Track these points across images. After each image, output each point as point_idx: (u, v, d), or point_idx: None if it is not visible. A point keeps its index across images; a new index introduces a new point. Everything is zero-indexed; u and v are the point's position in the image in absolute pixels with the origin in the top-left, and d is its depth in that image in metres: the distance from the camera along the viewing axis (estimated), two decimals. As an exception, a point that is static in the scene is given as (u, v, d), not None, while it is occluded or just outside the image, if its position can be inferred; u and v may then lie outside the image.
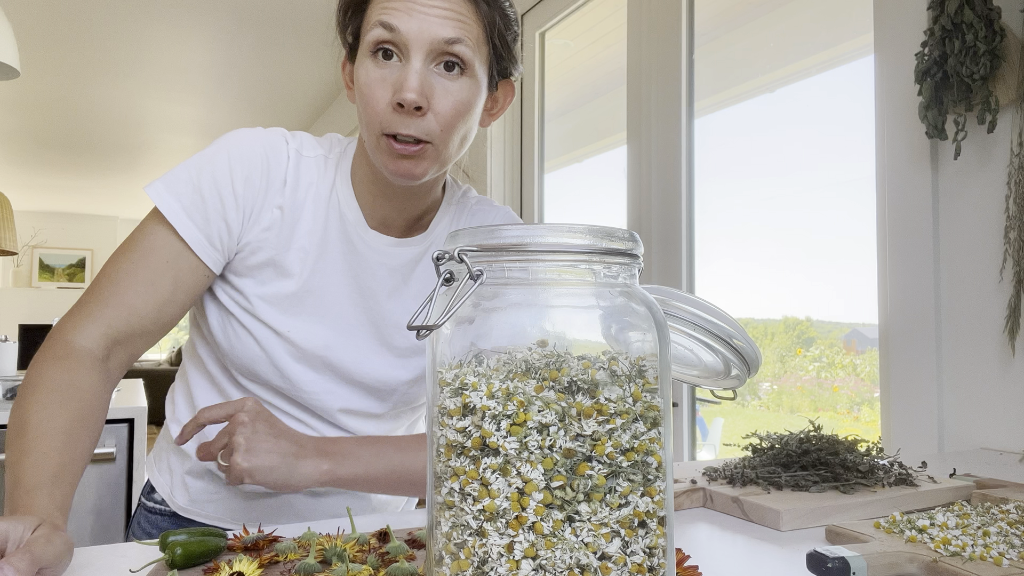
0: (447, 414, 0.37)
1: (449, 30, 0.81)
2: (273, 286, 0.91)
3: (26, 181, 7.97)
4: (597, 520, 0.34)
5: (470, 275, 0.36)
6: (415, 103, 0.79)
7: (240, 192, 0.87)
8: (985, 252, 1.25)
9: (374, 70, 0.83)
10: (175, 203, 0.85)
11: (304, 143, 0.94)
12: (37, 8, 3.57)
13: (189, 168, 0.87)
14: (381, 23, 0.81)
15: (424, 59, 0.81)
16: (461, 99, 0.84)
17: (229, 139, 0.89)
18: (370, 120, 0.84)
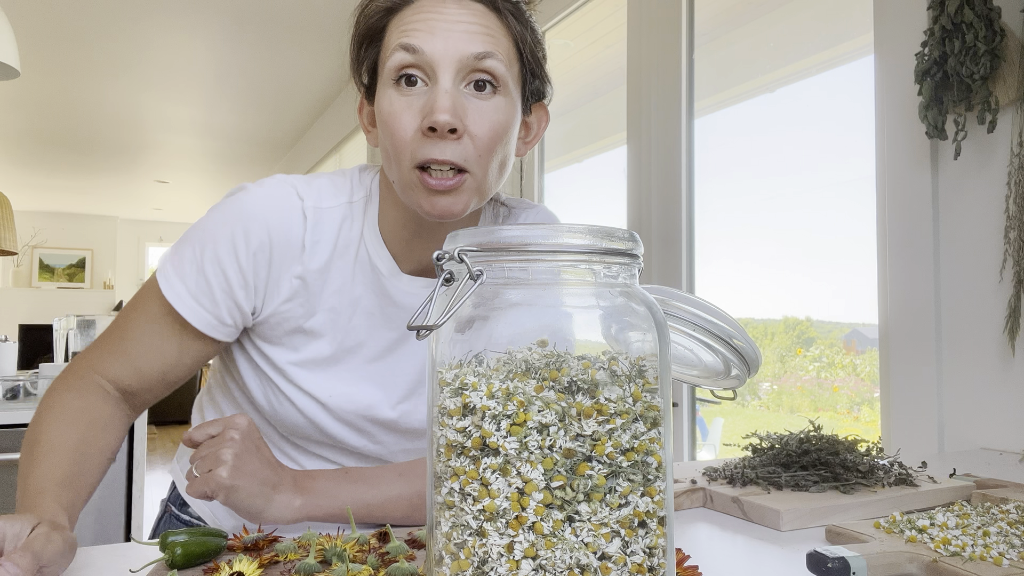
0: (447, 414, 0.37)
1: (478, 44, 0.74)
2: (307, 351, 0.86)
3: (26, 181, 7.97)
4: (597, 520, 0.34)
5: (470, 275, 0.36)
6: (449, 125, 0.72)
7: (248, 271, 0.81)
8: (985, 252, 1.25)
9: (398, 99, 0.76)
10: (180, 286, 0.80)
11: (323, 193, 0.85)
12: (37, 8, 3.57)
13: (194, 245, 0.82)
14: (402, 46, 0.75)
15: (454, 78, 0.74)
16: (498, 119, 0.76)
17: (234, 209, 0.82)
18: (399, 152, 0.76)
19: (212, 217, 0.82)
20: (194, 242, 0.82)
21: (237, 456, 0.70)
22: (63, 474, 0.71)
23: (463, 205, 0.77)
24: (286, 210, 0.81)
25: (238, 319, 0.84)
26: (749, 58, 2.04)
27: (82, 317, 2.24)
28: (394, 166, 0.78)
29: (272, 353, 0.86)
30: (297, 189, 0.83)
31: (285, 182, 0.84)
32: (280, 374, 0.87)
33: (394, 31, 0.77)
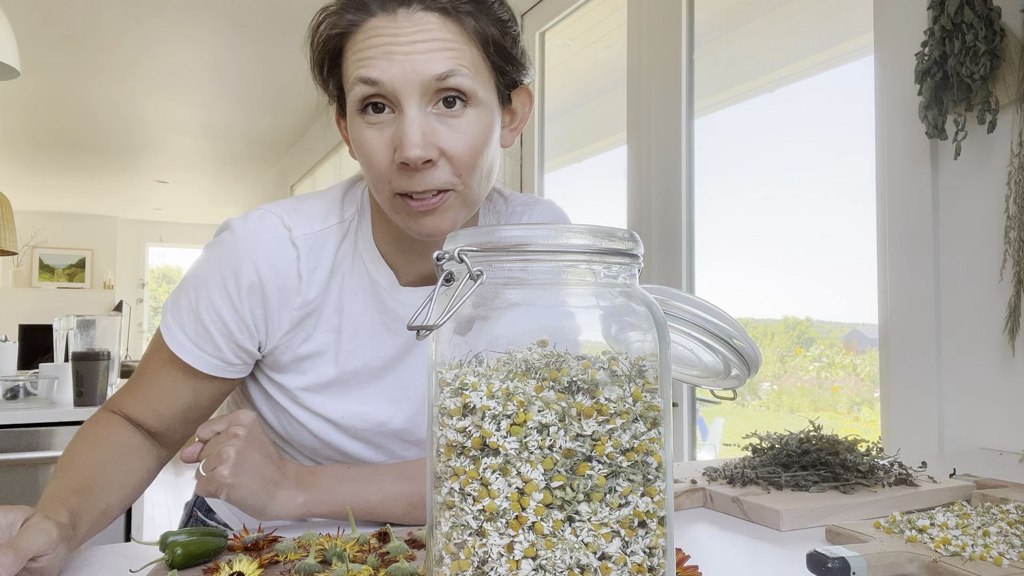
0: (447, 414, 0.37)
1: (438, 63, 0.71)
2: (314, 374, 0.85)
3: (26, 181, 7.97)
4: (597, 520, 0.34)
5: (470, 275, 0.36)
6: (421, 159, 0.70)
7: (245, 312, 0.81)
8: (985, 252, 1.25)
9: (367, 129, 0.74)
10: (181, 335, 0.81)
11: (312, 216, 0.83)
12: (37, 8, 3.57)
13: (188, 292, 0.82)
14: (361, 79, 0.72)
15: (419, 104, 0.72)
16: (473, 133, 0.74)
17: (221, 252, 0.81)
18: (377, 182, 0.75)
19: (202, 262, 0.82)
20: (189, 289, 0.82)
21: (239, 453, 0.70)
22: (75, 484, 0.72)
23: (450, 222, 0.76)
24: (273, 246, 0.80)
25: (245, 357, 0.84)
26: (749, 58, 2.04)
27: (82, 317, 2.24)
28: (373, 189, 0.77)
29: (281, 380, 0.86)
30: (283, 220, 0.81)
31: (269, 214, 0.82)
32: (291, 399, 0.87)
33: (351, 57, 0.75)
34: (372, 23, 0.74)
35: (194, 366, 0.81)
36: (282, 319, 0.82)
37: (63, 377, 2.25)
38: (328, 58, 0.78)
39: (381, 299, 0.84)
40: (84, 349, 2.18)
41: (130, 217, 10.39)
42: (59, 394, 2.26)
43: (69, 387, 2.23)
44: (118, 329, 2.33)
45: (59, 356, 2.38)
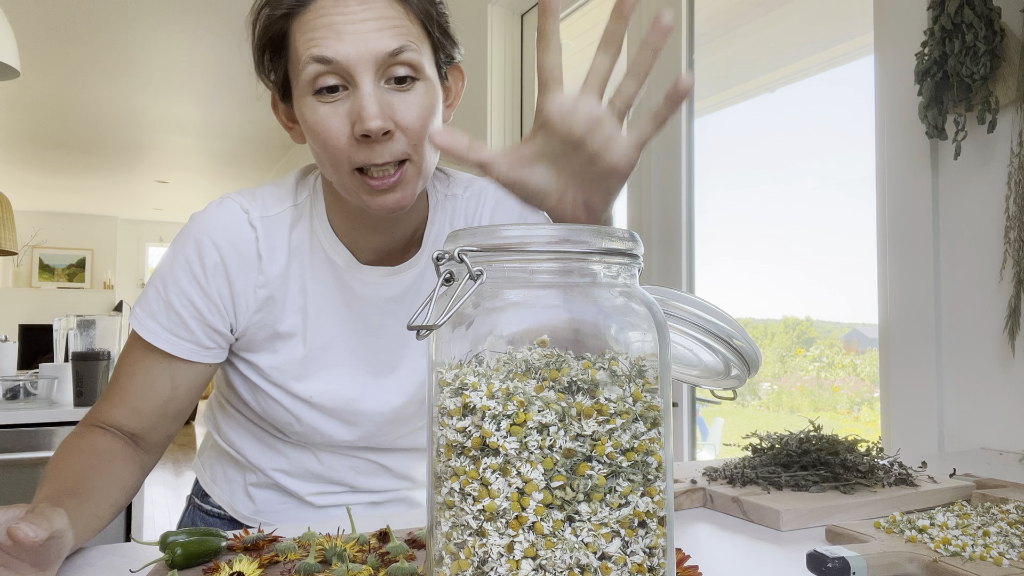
0: (447, 414, 0.37)
1: (390, 40, 0.73)
2: (284, 354, 0.88)
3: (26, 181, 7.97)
4: (597, 520, 0.34)
5: (470, 275, 0.36)
6: (382, 129, 0.72)
7: (212, 292, 0.83)
8: (985, 252, 1.25)
9: (321, 108, 0.75)
10: (153, 324, 0.83)
11: (267, 201, 0.86)
12: (37, 8, 3.57)
13: (156, 283, 0.84)
14: (314, 58, 0.73)
15: (373, 79, 0.73)
16: (424, 106, 0.76)
17: (184, 238, 0.84)
18: (335, 159, 0.76)
19: (167, 254, 0.85)
20: (156, 281, 0.84)
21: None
22: (65, 489, 0.72)
23: (409, 196, 0.78)
24: (233, 226, 0.83)
25: (219, 340, 0.85)
26: (749, 58, 2.04)
27: (82, 317, 2.24)
28: (331, 171, 0.78)
29: (254, 359, 0.88)
30: (240, 204, 0.85)
31: (227, 199, 0.86)
32: (265, 379, 0.89)
33: (299, 38, 0.76)
34: (319, 3, 0.75)
35: (170, 352, 0.83)
36: (248, 299, 0.85)
37: (63, 377, 2.25)
38: (272, 41, 0.79)
39: (341, 278, 0.87)
40: (84, 349, 2.18)
41: (130, 217, 10.39)
42: (59, 394, 2.26)
43: (69, 387, 2.23)
44: (118, 329, 2.33)
45: (59, 356, 2.38)
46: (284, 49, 0.79)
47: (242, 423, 0.98)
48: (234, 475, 1.00)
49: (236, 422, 0.98)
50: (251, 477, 0.98)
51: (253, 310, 0.85)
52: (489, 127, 2.85)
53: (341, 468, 0.95)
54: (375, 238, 0.86)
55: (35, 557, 0.57)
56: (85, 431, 0.83)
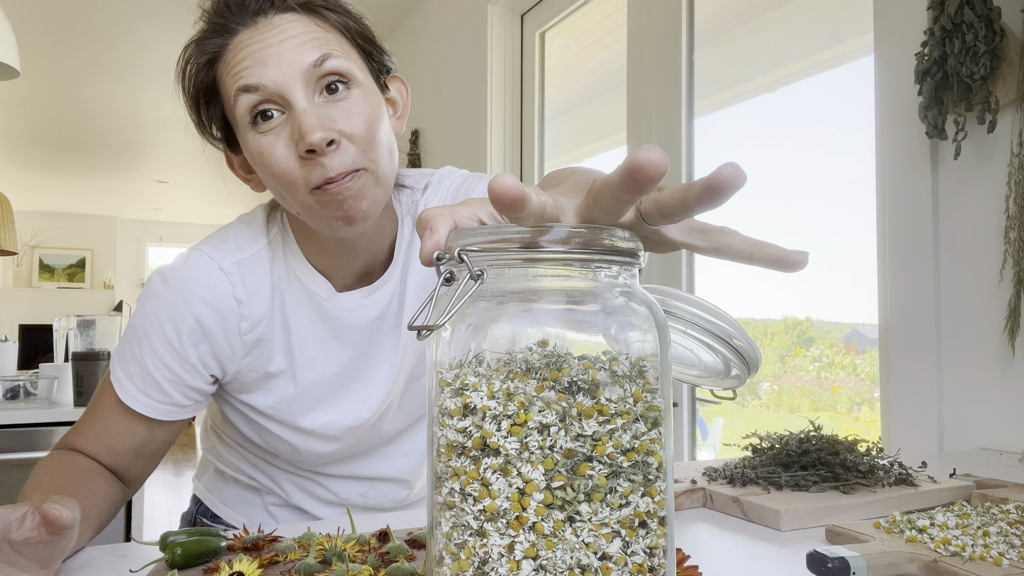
0: (447, 414, 0.37)
1: (310, 52, 0.73)
2: (277, 392, 0.87)
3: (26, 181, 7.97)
4: (598, 520, 0.34)
5: (471, 275, 0.36)
6: (325, 140, 0.70)
7: (191, 356, 0.81)
8: (985, 252, 1.25)
9: (263, 139, 0.73)
10: (130, 386, 0.81)
11: (240, 243, 0.84)
12: (37, 8, 3.57)
13: (131, 344, 0.82)
14: (241, 89, 0.72)
15: (305, 95, 0.72)
16: (364, 110, 0.75)
17: (155, 305, 0.81)
18: (289, 185, 0.74)
19: (140, 313, 0.83)
20: (131, 341, 0.82)
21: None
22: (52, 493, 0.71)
23: (371, 202, 0.76)
24: (205, 283, 0.81)
25: (196, 396, 0.85)
26: (749, 58, 2.04)
27: (82, 317, 2.24)
28: (289, 199, 0.76)
29: (249, 400, 0.88)
30: (208, 255, 0.83)
31: (196, 252, 0.84)
32: (262, 415, 0.88)
33: (226, 79, 0.75)
34: (237, 40, 0.75)
35: (146, 415, 0.82)
36: (234, 347, 0.83)
37: (63, 377, 2.25)
38: (204, 92, 0.79)
39: (322, 308, 0.85)
40: (84, 349, 2.18)
41: (130, 217, 10.39)
42: (59, 394, 2.26)
43: (69, 387, 2.23)
44: (118, 329, 2.33)
45: (59, 356, 2.38)
46: (216, 95, 0.78)
47: (245, 455, 0.97)
48: (250, 497, 1.00)
49: (239, 453, 0.98)
50: (270, 499, 0.98)
51: (242, 355, 0.84)
52: (489, 127, 2.85)
53: (351, 496, 0.97)
54: (353, 262, 0.85)
55: (41, 552, 0.56)
56: (63, 453, 0.82)
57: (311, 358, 0.86)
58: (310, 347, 0.86)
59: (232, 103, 0.75)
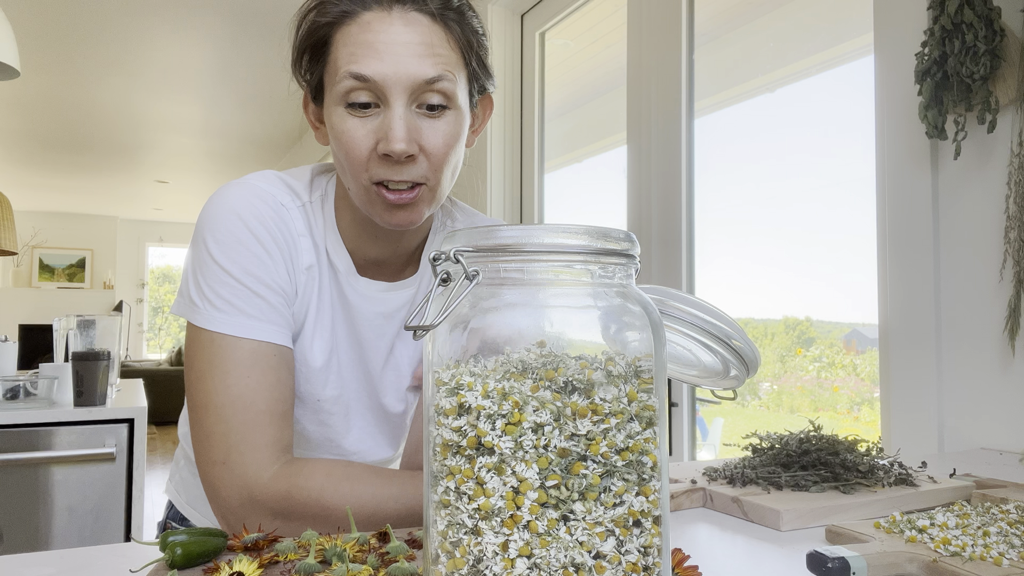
0: (443, 413, 0.37)
1: (428, 68, 0.73)
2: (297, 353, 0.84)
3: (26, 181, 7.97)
4: (592, 519, 0.34)
5: (466, 275, 0.36)
6: (406, 152, 0.72)
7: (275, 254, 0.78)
8: (985, 252, 1.25)
9: (351, 119, 0.75)
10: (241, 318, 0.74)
11: (297, 189, 0.84)
12: (37, 8, 3.57)
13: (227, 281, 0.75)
14: (352, 75, 0.73)
15: (405, 103, 0.74)
16: (450, 134, 0.76)
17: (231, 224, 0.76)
18: (355, 170, 0.76)
19: (212, 242, 0.76)
20: (216, 274, 0.76)
21: None
22: None
23: (419, 215, 0.78)
24: (270, 203, 0.79)
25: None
26: (749, 58, 2.04)
27: (82, 317, 2.24)
28: (350, 178, 0.77)
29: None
30: (264, 187, 0.81)
31: (257, 179, 0.82)
32: None
33: (340, 49, 0.75)
34: (366, 17, 0.74)
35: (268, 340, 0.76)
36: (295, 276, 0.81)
37: (63, 377, 2.25)
38: (313, 45, 0.78)
39: (339, 284, 0.85)
40: (84, 349, 2.18)
41: (130, 217, 10.39)
42: (59, 394, 2.26)
43: (69, 387, 2.23)
44: (118, 329, 2.33)
45: (59, 356, 2.38)
46: (324, 55, 0.78)
47: None
48: None
49: None
50: None
51: (292, 297, 0.81)
52: (489, 127, 2.85)
53: None
54: (378, 248, 0.86)
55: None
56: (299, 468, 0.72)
57: (323, 326, 0.85)
58: (323, 315, 0.85)
59: (336, 76, 0.75)
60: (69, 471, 2.15)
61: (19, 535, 2.09)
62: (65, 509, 2.14)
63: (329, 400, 0.87)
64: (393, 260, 0.88)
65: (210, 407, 0.73)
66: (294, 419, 0.86)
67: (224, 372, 0.73)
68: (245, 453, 0.72)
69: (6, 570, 0.59)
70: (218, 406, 0.73)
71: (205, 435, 0.73)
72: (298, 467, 0.73)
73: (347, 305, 0.86)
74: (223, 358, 0.74)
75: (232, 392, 0.73)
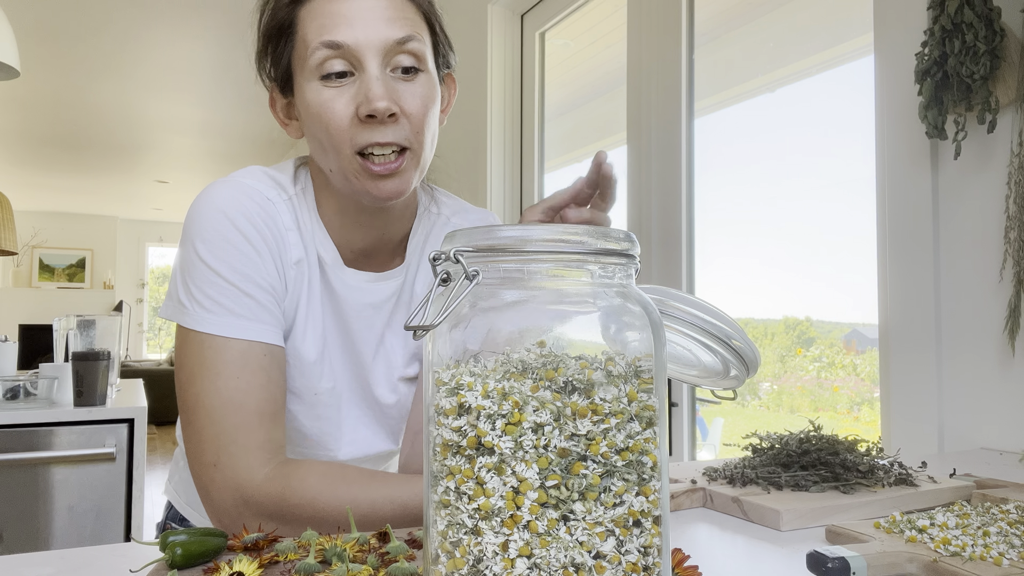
0: (443, 413, 0.37)
1: (397, 29, 0.75)
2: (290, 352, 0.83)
3: (26, 181, 7.97)
4: (592, 519, 0.34)
5: (466, 275, 0.36)
6: (389, 110, 0.73)
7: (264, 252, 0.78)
8: (985, 252, 1.25)
9: (327, 91, 0.75)
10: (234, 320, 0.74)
11: (282, 183, 0.83)
12: (37, 8, 3.57)
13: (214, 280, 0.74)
14: (324, 44, 0.74)
15: (380, 64, 0.75)
16: (426, 96, 0.78)
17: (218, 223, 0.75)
18: (337, 143, 0.75)
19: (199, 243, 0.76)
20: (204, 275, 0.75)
21: None
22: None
23: (407, 183, 0.78)
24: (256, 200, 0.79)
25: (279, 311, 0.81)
26: (749, 58, 2.04)
27: (82, 317, 2.24)
28: (331, 156, 0.77)
29: None
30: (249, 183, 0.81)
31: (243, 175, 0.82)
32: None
33: (308, 25, 0.76)
34: None
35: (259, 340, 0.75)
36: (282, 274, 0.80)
37: (63, 377, 2.25)
38: (279, 28, 0.79)
39: (326, 275, 0.85)
40: (84, 349, 2.18)
41: (130, 217, 10.39)
42: (59, 394, 2.26)
43: (69, 387, 2.23)
44: (118, 329, 2.33)
45: (59, 356, 2.38)
46: (291, 37, 0.79)
47: None
48: None
49: None
50: None
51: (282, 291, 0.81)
52: (489, 127, 2.85)
53: None
54: (364, 236, 0.86)
55: None
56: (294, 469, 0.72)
57: (313, 320, 0.84)
58: (313, 308, 0.84)
59: (308, 51, 0.76)
60: (69, 471, 2.15)
61: (19, 535, 2.09)
62: (65, 509, 2.14)
63: (324, 393, 0.87)
64: (380, 249, 0.88)
65: (200, 409, 0.73)
66: (290, 415, 0.86)
67: (215, 374, 0.73)
68: (236, 455, 0.72)
69: (6, 570, 0.59)
70: (209, 408, 0.72)
71: (196, 437, 0.73)
72: (292, 468, 0.73)
73: (336, 297, 0.86)
74: (213, 359, 0.73)
75: (223, 394, 0.72)
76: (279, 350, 0.78)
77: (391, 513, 0.71)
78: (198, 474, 0.74)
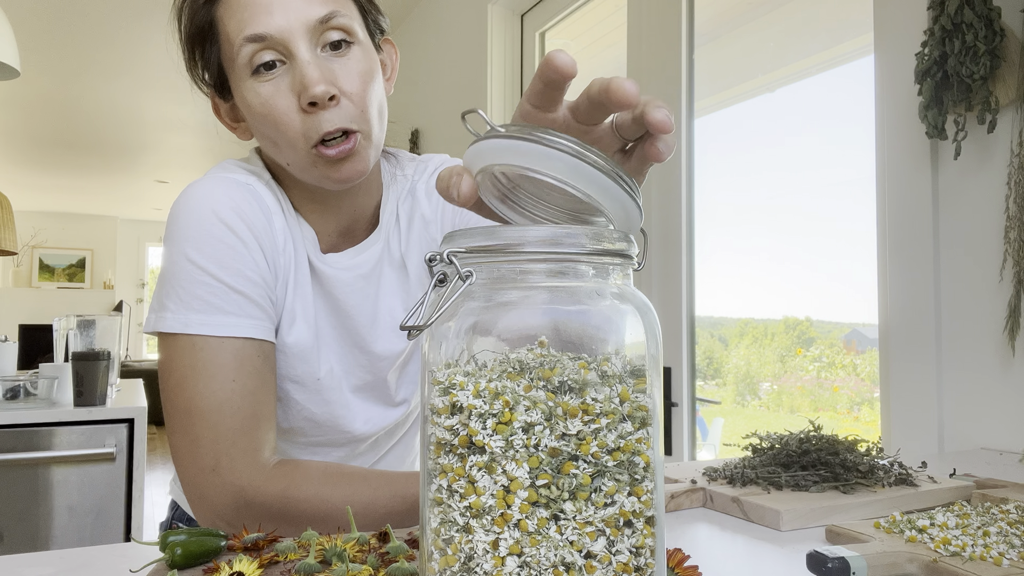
0: (436, 412, 0.37)
1: (318, 7, 0.73)
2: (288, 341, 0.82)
3: (26, 181, 7.98)
4: (582, 519, 0.34)
5: (459, 276, 0.36)
6: (327, 94, 0.71)
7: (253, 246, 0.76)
8: (985, 252, 1.25)
9: (263, 86, 0.73)
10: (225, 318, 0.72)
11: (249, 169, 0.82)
12: (37, 8, 3.57)
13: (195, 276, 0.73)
14: (248, 39, 0.72)
15: (309, 47, 0.73)
16: (363, 70, 0.76)
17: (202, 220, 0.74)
18: (291, 139, 0.74)
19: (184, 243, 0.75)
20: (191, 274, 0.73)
21: None
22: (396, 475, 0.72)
23: (365, 163, 0.77)
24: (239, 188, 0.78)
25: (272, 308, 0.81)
26: (749, 58, 2.04)
27: (82, 317, 2.24)
28: (286, 151, 0.76)
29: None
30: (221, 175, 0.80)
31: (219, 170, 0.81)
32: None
33: (228, 22, 0.75)
34: None
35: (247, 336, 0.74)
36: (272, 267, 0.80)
37: (63, 377, 2.25)
38: (202, 31, 0.78)
39: (310, 260, 0.84)
40: (84, 349, 2.18)
41: (130, 217, 10.40)
42: (59, 394, 2.26)
43: (69, 387, 2.23)
44: (118, 329, 2.33)
45: (59, 356, 2.38)
46: (214, 38, 0.78)
47: None
48: None
49: None
50: None
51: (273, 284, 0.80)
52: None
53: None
54: (338, 218, 0.85)
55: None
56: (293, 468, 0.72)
57: (304, 307, 0.83)
58: (300, 294, 0.83)
59: (234, 50, 0.74)
60: (69, 471, 2.15)
61: (19, 535, 2.09)
62: (65, 509, 2.14)
63: (325, 376, 0.86)
64: (356, 226, 0.86)
65: (195, 413, 0.71)
66: (298, 405, 0.86)
67: (209, 376, 0.71)
68: (236, 458, 0.71)
69: (6, 570, 0.59)
70: (205, 412, 0.71)
71: (191, 442, 0.72)
72: (292, 467, 0.73)
73: (323, 279, 0.85)
74: (206, 361, 0.72)
75: (219, 396, 0.71)
76: (270, 347, 0.77)
77: (392, 511, 0.71)
78: (193, 480, 0.72)
